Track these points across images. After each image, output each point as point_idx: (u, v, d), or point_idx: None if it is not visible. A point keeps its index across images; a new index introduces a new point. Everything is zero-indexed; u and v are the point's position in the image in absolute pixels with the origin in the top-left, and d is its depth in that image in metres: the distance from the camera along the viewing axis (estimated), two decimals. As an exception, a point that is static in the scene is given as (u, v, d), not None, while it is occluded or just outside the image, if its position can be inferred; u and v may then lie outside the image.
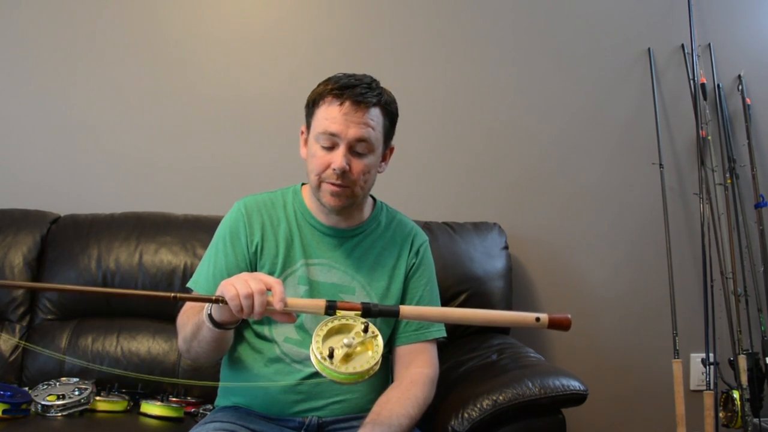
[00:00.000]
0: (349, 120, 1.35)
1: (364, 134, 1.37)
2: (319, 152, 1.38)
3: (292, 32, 2.35)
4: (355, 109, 1.36)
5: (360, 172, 1.39)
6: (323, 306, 1.16)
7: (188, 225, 2.07)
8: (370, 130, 1.37)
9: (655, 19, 2.41)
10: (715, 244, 2.27)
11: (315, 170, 1.40)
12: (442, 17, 2.37)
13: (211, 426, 1.36)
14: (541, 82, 2.39)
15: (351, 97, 1.35)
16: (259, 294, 1.15)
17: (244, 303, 1.15)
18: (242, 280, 1.16)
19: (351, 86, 1.37)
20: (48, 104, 2.29)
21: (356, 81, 1.38)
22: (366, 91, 1.37)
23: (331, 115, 1.36)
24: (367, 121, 1.37)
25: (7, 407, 1.66)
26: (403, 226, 1.56)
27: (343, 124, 1.35)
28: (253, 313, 1.15)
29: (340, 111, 1.36)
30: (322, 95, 1.39)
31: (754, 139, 2.38)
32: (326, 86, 1.39)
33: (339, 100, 1.36)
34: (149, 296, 1.56)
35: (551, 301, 2.38)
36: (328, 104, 1.37)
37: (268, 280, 1.17)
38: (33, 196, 2.23)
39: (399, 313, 1.20)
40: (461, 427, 1.46)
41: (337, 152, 1.36)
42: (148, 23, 2.30)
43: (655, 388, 2.37)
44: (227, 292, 1.16)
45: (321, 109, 1.39)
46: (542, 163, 2.39)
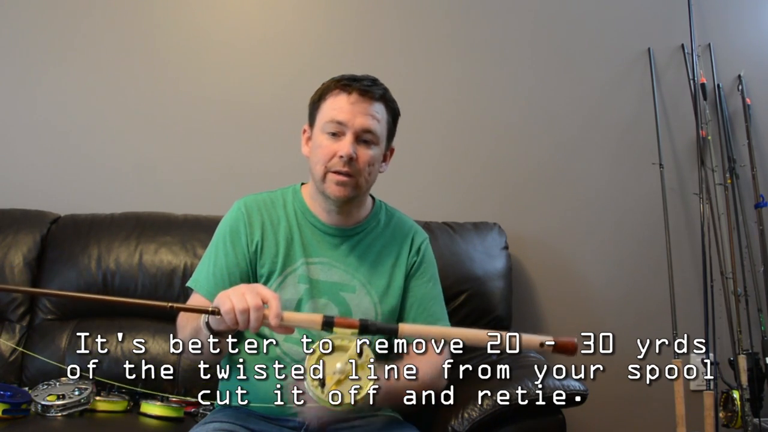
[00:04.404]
0: (356, 109, 1.39)
1: (371, 124, 1.40)
2: (325, 142, 1.40)
3: (294, 33, 2.35)
4: (362, 99, 1.40)
5: (366, 162, 1.41)
6: (320, 321, 1.15)
7: (188, 225, 2.07)
8: (376, 122, 1.41)
9: (655, 19, 2.41)
10: (715, 244, 2.27)
11: (321, 160, 1.41)
12: (443, 17, 2.37)
13: (211, 426, 1.35)
14: (541, 82, 2.39)
15: (358, 88, 1.40)
16: (255, 310, 1.15)
17: (239, 318, 1.15)
18: (239, 294, 1.16)
19: (357, 80, 1.42)
20: (48, 104, 2.29)
21: (361, 77, 1.43)
22: (371, 84, 1.42)
23: (338, 105, 1.40)
24: (373, 113, 1.41)
25: (7, 407, 1.66)
26: (402, 224, 1.57)
27: (351, 113, 1.39)
28: (249, 327, 1.16)
29: (348, 101, 1.40)
30: (329, 89, 1.43)
31: (754, 139, 2.38)
32: (331, 82, 1.43)
33: (346, 91, 1.40)
34: (146, 305, 1.56)
35: (551, 301, 2.38)
36: (335, 96, 1.42)
37: (265, 294, 1.17)
38: (33, 196, 2.22)
39: (398, 331, 1.19)
40: (461, 427, 1.46)
41: (345, 140, 1.39)
42: (148, 24, 2.31)
43: (655, 388, 2.37)
44: (223, 305, 1.16)
45: (327, 101, 1.42)
46: (542, 163, 2.39)
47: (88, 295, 1.88)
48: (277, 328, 1.17)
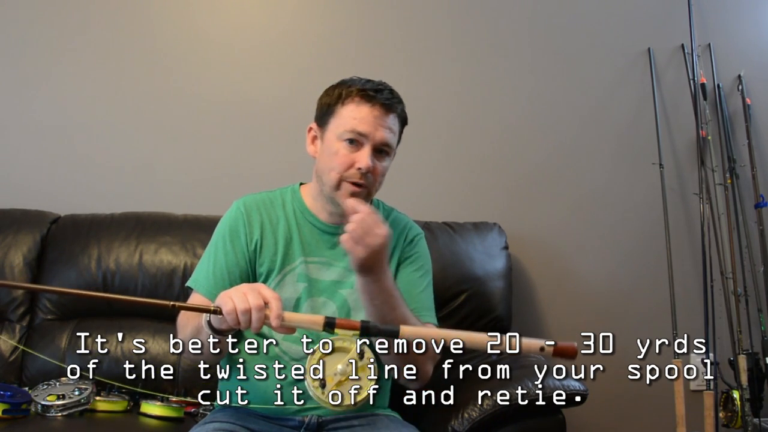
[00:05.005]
0: (378, 123, 1.39)
1: (389, 138, 1.42)
2: (342, 150, 1.40)
3: (294, 33, 2.35)
4: (384, 113, 1.40)
5: (380, 174, 1.43)
6: (321, 322, 1.16)
7: (188, 225, 2.07)
8: (392, 134, 1.43)
9: (655, 19, 2.41)
10: (715, 244, 2.27)
11: (337, 168, 1.40)
12: (443, 17, 2.37)
13: (211, 426, 1.35)
14: (541, 82, 2.39)
15: (381, 101, 1.40)
16: (256, 310, 1.15)
17: (241, 318, 1.15)
18: (240, 294, 1.16)
19: (379, 90, 1.41)
20: (48, 104, 2.29)
21: (381, 86, 1.43)
22: (391, 97, 1.43)
23: (360, 115, 1.39)
24: (391, 125, 1.42)
25: (7, 407, 1.66)
26: (398, 222, 1.57)
27: (373, 126, 1.39)
28: (250, 327, 1.16)
29: (371, 113, 1.39)
30: (350, 95, 1.41)
31: (754, 139, 2.38)
32: (352, 87, 1.42)
33: (370, 102, 1.40)
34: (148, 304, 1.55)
35: (551, 301, 2.38)
36: (356, 104, 1.40)
37: (266, 295, 1.17)
38: (33, 196, 2.22)
39: (399, 333, 1.20)
40: (461, 427, 1.46)
41: (363, 152, 1.39)
42: (149, 24, 2.31)
43: (655, 388, 2.37)
44: (224, 305, 1.16)
45: (348, 108, 1.41)
46: (542, 163, 2.39)
47: (92, 293, 1.87)
48: (278, 328, 1.18)
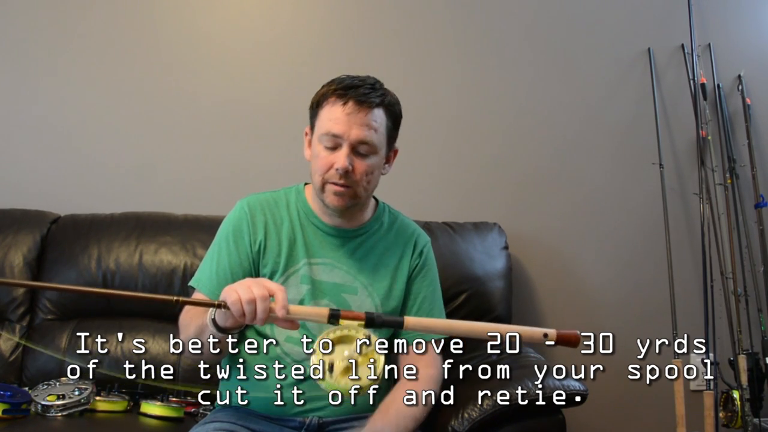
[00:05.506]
0: (352, 121, 1.36)
1: (367, 136, 1.37)
2: (322, 153, 1.39)
3: (294, 33, 2.35)
4: (357, 110, 1.36)
5: (362, 173, 1.39)
6: (326, 315, 1.15)
7: (188, 225, 2.07)
8: (373, 132, 1.38)
9: (655, 19, 2.41)
10: (715, 244, 2.27)
11: (318, 171, 1.40)
12: (443, 17, 2.37)
13: (211, 426, 1.36)
14: (541, 82, 2.39)
15: (354, 98, 1.36)
16: (261, 300, 1.14)
17: (246, 308, 1.14)
18: (245, 286, 1.16)
19: (354, 87, 1.37)
20: (48, 104, 2.29)
21: (359, 82, 1.39)
22: (369, 91, 1.37)
23: (334, 116, 1.37)
24: (370, 122, 1.37)
25: (7, 407, 1.66)
26: (405, 227, 1.56)
27: (346, 125, 1.36)
28: (255, 318, 1.15)
29: (343, 111, 1.36)
30: (326, 96, 1.39)
31: (754, 139, 2.38)
32: (330, 87, 1.40)
33: (342, 101, 1.36)
34: (152, 299, 1.55)
35: (551, 302, 2.38)
36: (331, 105, 1.38)
37: (271, 287, 1.16)
38: (33, 196, 2.23)
39: (404, 324, 1.19)
40: (461, 427, 1.46)
41: (340, 153, 1.36)
42: (149, 25, 2.31)
43: (655, 388, 2.37)
44: (229, 297, 1.15)
45: (324, 109, 1.39)
46: (542, 163, 2.39)
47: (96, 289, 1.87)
48: (283, 321, 1.16)
